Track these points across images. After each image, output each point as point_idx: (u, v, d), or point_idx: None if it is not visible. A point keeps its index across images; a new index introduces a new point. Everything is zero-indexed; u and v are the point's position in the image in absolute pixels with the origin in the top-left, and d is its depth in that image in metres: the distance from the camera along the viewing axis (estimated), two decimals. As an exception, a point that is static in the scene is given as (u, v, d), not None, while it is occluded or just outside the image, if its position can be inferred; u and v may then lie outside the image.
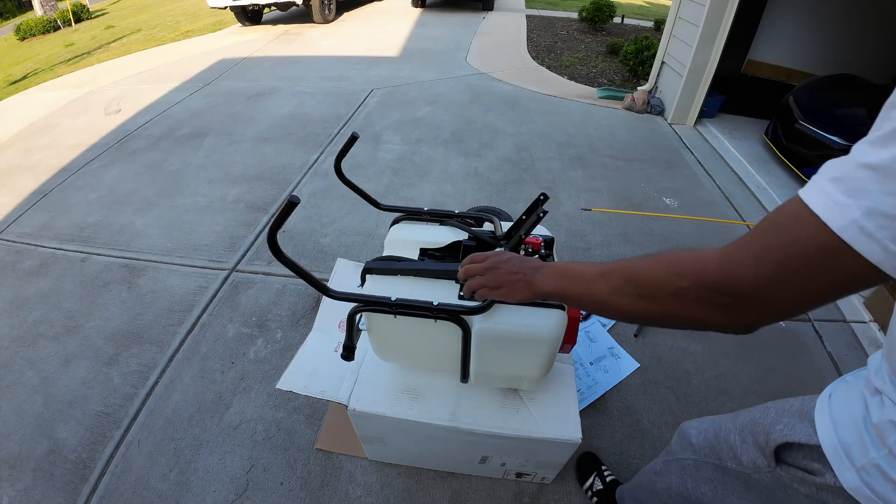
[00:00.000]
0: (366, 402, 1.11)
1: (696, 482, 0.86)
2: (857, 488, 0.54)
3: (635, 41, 4.55)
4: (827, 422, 0.60)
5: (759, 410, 0.74)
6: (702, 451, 0.85)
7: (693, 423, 0.95)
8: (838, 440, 0.57)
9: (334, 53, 5.44)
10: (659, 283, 0.52)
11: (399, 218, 1.20)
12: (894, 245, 0.37)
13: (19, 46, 8.68)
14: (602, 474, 1.35)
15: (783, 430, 0.65)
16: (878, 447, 0.52)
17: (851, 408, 0.58)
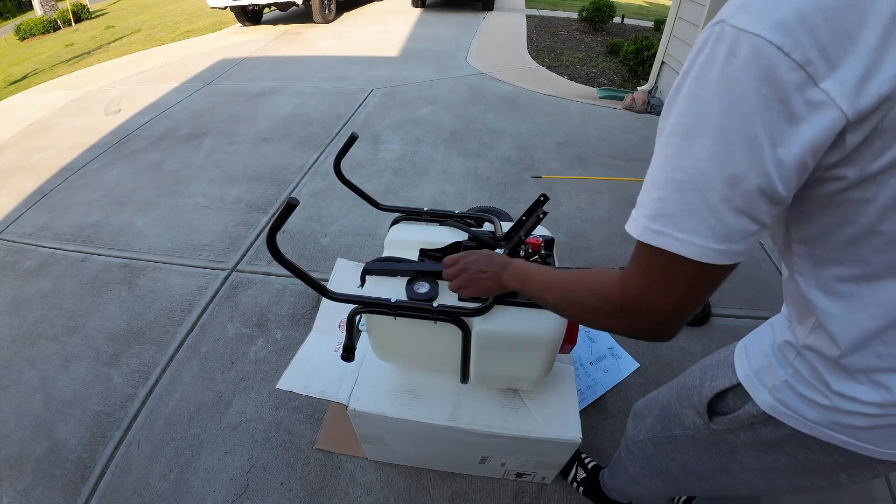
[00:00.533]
0: (366, 402, 1.11)
1: (659, 455, 0.92)
2: (774, 407, 0.61)
3: (635, 41, 4.54)
4: (742, 357, 0.68)
5: (687, 374, 0.83)
6: (654, 429, 0.91)
7: (640, 402, 1.02)
8: (751, 370, 0.65)
9: (334, 53, 5.44)
10: (583, 303, 0.60)
11: (399, 218, 1.20)
12: (681, 234, 0.45)
13: (19, 46, 8.68)
14: (583, 462, 1.36)
15: (710, 385, 0.72)
16: (784, 366, 0.61)
17: (761, 340, 0.67)
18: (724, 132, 0.42)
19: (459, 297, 0.93)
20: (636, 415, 1.01)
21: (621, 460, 1.08)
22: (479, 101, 4.00)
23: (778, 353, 0.62)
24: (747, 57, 0.40)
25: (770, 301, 2.03)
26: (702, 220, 0.44)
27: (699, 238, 0.45)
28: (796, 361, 0.59)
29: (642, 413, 0.97)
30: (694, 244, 0.45)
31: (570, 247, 2.32)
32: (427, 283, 0.94)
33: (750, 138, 0.41)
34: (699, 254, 0.45)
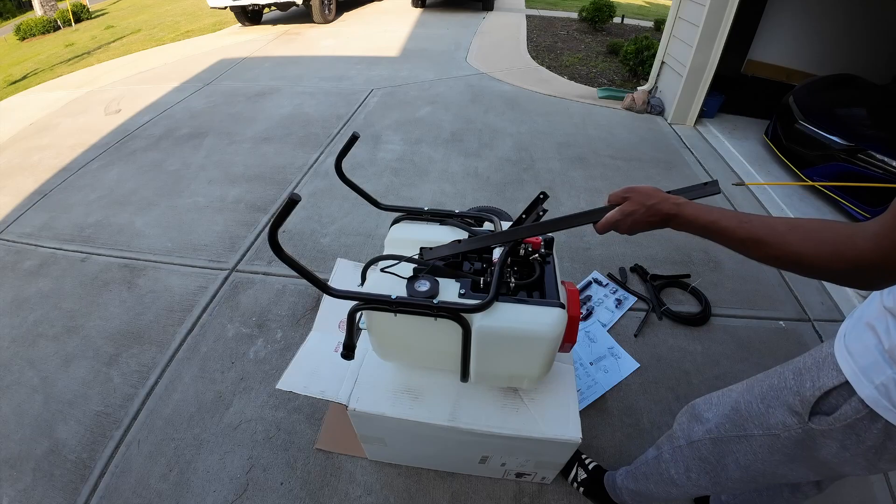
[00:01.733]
0: (366, 402, 1.11)
1: (718, 452, 0.90)
2: (876, 399, 0.63)
3: (635, 41, 4.55)
4: (845, 355, 0.68)
5: (774, 377, 0.82)
6: (721, 428, 0.89)
7: (701, 402, 1.00)
8: (857, 366, 0.66)
9: (334, 53, 5.44)
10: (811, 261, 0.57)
11: (399, 218, 1.20)
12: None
13: (19, 46, 8.68)
14: (583, 463, 1.36)
15: (814, 386, 0.71)
16: (892, 366, 0.61)
17: (863, 338, 0.67)
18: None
19: (460, 294, 0.93)
20: (694, 416, 0.99)
21: (661, 462, 1.06)
22: (479, 101, 4.00)
23: (886, 354, 0.63)
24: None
25: (770, 301, 2.03)
26: None
27: None
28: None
29: (702, 414, 0.96)
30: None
31: (570, 246, 2.32)
32: (427, 280, 0.94)
33: None
34: None
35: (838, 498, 1.37)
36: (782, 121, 3.03)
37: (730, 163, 3.12)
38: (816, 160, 2.68)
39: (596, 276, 2.14)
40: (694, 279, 2.10)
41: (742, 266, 2.19)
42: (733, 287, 2.10)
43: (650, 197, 0.76)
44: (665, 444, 1.07)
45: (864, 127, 2.65)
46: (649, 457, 1.13)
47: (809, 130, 2.75)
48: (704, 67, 3.36)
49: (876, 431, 0.65)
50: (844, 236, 0.54)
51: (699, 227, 0.71)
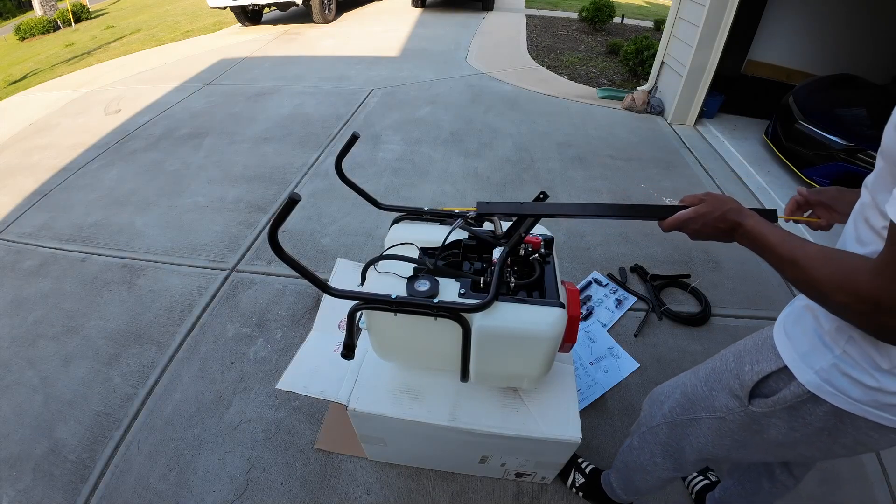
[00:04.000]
0: (366, 402, 1.11)
1: (675, 437, 0.94)
2: (819, 385, 0.64)
3: (635, 41, 4.55)
4: (784, 340, 0.70)
5: (717, 360, 0.84)
6: (673, 413, 0.93)
7: (658, 388, 1.04)
8: (797, 352, 0.67)
9: (334, 53, 5.44)
10: (826, 292, 0.56)
11: (399, 218, 1.20)
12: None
13: (19, 46, 8.68)
14: (580, 467, 1.36)
15: (753, 369, 0.73)
16: (832, 349, 0.63)
17: (801, 321, 0.68)
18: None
19: (460, 294, 0.93)
20: (653, 400, 1.03)
21: (633, 450, 1.10)
22: (478, 101, 4.00)
23: (826, 338, 0.64)
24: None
25: (770, 301, 2.03)
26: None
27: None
28: (848, 346, 0.61)
29: (660, 399, 1.00)
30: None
31: (570, 246, 2.32)
32: (427, 280, 0.94)
33: None
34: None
35: (838, 498, 1.37)
36: (782, 121, 3.03)
37: (730, 163, 3.12)
38: (816, 160, 2.68)
39: (596, 276, 2.14)
40: (694, 279, 2.10)
41: (742, 266, 2.19)
42: (733, 287, 2.10)
43: (725, 203, 0.76)
44: (635, 433, 1.10)
45: (864, 127, 2.65)
46: (625, 446, 1.16)
47: (809, 130, 2.75)
48: (704, 67, 3.37)
49: (821, 414, 0.66)
50: (851, 269, 0.53)
51: (753, 238, 0.70)
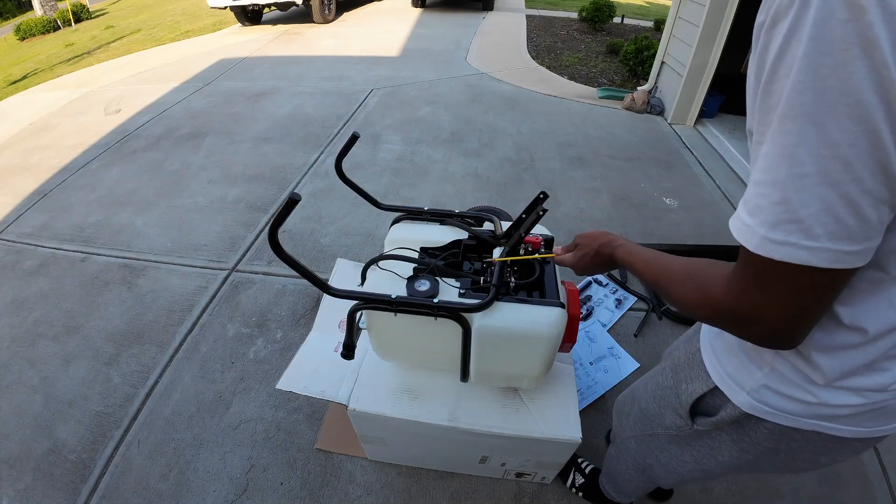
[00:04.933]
0: (366, 402, 1.11)
1: (641, 453, 0.93)
2: (754, 407, 0.60)
3: (635, 41, 4.54)
4: (712, 359, 0.66)
5: (659, 374, 0.82)
6: (636, 427, 0.92)
7: (620, 399, 1.03)
8: (724, 372, 0.63)
9: (334, 53, 5.44)
10: (688, 303, 0.55)
11: (399, 217, 1.20)
12: (811, 241, 0.38)
13: (19, 46, 8.68)
14: (580, 467, 1.36)
15: (686, 388, 0.71)
16: (759, 367, 0.58)
17: (725, 337, 0.64)
18: (865, 107, 0.34)
19: (460, 294, 0.93)
20: (619, 412, 1.02)
21: (611, 458, 1.10)
22: (479, 101, 4.00)
23: (751, 355, 0.60)
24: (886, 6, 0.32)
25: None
26: (837, 221, 0.37)
27: (834, 242, 0.38)
28: (776, 362, 0.57)
29: (624, 410, 0.99)
30: (828, 250, 0.38)
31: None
32: (427, 280, 0.94)
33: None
34: (833, 260, 0.38)
35: (838, 498, 1.37)
36: (782, 121, 3.02)
37: (730, 163, 3.12)
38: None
39: (596, 275, 2.14)
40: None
41: (742, 266, 2.19)
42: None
43: (596, 239, 0.79)
44: (613, 441, 1.10)
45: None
46: (608, 453, 1.16)
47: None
48: (704, 67, 3.36)
49: (766, 432, 0.62)
50: (706, 284, 0.52)
51: (626, 265, 0.73)
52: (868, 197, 0.36)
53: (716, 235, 2.38)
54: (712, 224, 2.44)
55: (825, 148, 0.36)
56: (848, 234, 0.38)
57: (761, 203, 0.40)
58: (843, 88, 0.34)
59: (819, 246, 0.38)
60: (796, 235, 0.39)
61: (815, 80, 0.35)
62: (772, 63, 0.38)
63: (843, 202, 0.37)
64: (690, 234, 2.37)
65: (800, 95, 0.36)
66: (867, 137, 0.35)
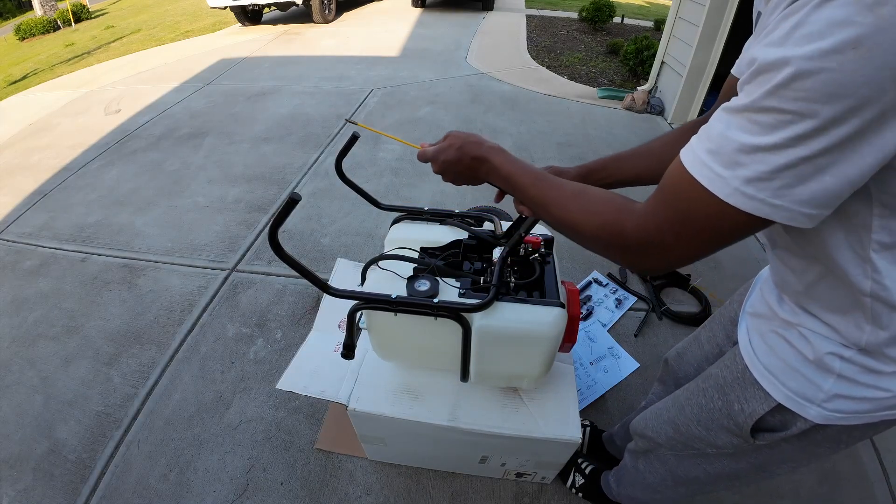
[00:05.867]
0: (366, 402, 1.11)
1: (685, 468, 0.90)
2: (827, 417, 0.60)
3: (635, 41, 4.54)
4: (768, 378, 0.64)
5: (700, 396, 0.79)
6: (675, 446, 0.88)
7: (638, 424, 0.99)
8: (789, 390, 0.62)
9: (334, 53, 5.44)
10: (581, 228, 0.56)
11: (399, 217, 1.20)
12: (776, 199, 0.41)
13: (19, 46, 8.69)
14: (580, 468, 1.36)
15: (744, 410, 0.69)
16: (826, 379, 0.58)
17: (779, 353, 0.63)
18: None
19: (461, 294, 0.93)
20: (643, 437, 0.98)
21: (637, 472, 1.06)
22: (478, 101, 4.00)
23: (813, 368, 0.59)
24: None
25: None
26: (811, 192, 0.40)
27: (800, 205, 0.41)
28: (844, 368, 0.57)
29: (649, 435, 0.95)
30: (790, 209, 0.41)
31: (570, 246, 2.32)
32: (427, 280, 0.94)
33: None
34: (789, 218, 0.42)
35: (838, 497, 1.37)
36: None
37: (730, 163, 3.12)
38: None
39: (596, 275, 2.14)
40: (694, 279, 2.10)
41: (742, 266, 2.19)
42: (733, 287, 2.09)
43: (468, 137, 0.73)
44: (636, 457, 1.06)
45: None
46: (627, 464, 1.13)
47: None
48: (704, 67, 3.36)
49: (832, 433, 0.63)
50: (616, 210, 0.53)
51: (502, 177, 0.68)
52: (851, 186, 0.40)
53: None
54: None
55: (858, 163, 0.39)
56: (815, 202, 0.41)
57: (743, 160, 0.41)
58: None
59: (783, 205, 0.41)
60: (766, 193, 0.41)
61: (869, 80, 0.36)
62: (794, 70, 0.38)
63: (834, 181, 0.40)
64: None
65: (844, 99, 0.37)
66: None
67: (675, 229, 0.47)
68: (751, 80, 0.41)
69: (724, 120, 0.43)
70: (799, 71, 0.36)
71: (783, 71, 0.37)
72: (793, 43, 0.37)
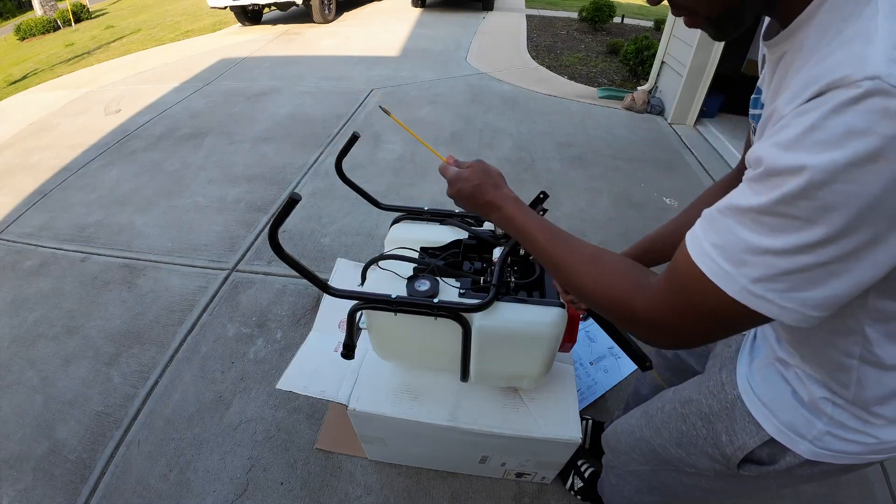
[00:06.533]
0: (366, 402, 1.11)
1: (660, 479, 0.89)
2: (817, 453, 0.61)
3: (635, 41, 4.55)
4: (763, 411, 0.65)
5: (679, 422, 0.77)
6: (651, 462, 0.87)
7: (610, 437, 0.98)
8: (782, 424, 0.63)
9: (334, 53, 5.44)
10: (591, 296, 0.55)
11: (399, 217, 1.20)
12: (785, 301, 0.40)
13: (19, 46, 8.69)
14: (579, 470, 1.35)
15: (733, 442, 0.68)
16: (819, 418, 0.59)
17: (774, 389, 0.64)
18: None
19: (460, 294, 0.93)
20: (615, 451, 0.97)
21: (611, 483, 1.06)
22: (479, 101, 4.00)
23: (808, 407, 0.61)
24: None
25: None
26: (821, 296, 0.39)
27: (809, 309, 0.40)
28: (835, 413, 0.58)
29: (622, 450, 0.94)
30: (798, 311, 0.40)
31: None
32: (427, 280, 0.94)
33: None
34: (798, 319, 0.41)
35: (838, 498, 1.37)
36: (782, 121, 3.02)
37: (730, 163, 3.11)
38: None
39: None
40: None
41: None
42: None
43: (488, 175, 0.71)
44: (609, 470, 1.06)
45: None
46: (604, 482, 1.13)
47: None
48: (704, 67, 3.36)
49: (820, 472, 0.64)
50: (629, 286, 0.52)
51: (515, 227, 0.66)
52: (861, 289, 0.39)
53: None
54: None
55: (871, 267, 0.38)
56: (824, 306, 0.40)
57: (754, 260, 0.40)
58: None
59: (791, 308, 0.40)
60: (774, 294, 0.40)
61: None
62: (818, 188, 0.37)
63: (846, 286, 0.39)
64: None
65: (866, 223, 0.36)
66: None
67: (682, 316, 0.47)
68: (760, 180, 0.40)
69: (730, 215, 0.42)
70: (812, 181, 0.35)
71: (796, 178, 0.36)
72: (807, 149, 0.35)
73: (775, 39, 0.49)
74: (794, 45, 0.46)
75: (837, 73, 0.35)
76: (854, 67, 0.34)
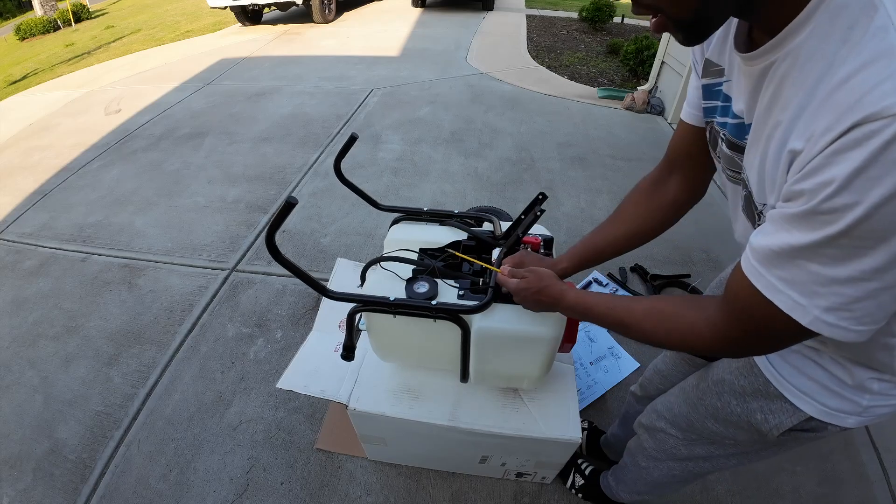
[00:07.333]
0: (366, 401, 1.11)
1: (700, 458, 0.90)
2: (863, 422, 0.64)
3: (635, 41, 4.54)
4: (800, 396, 0.66)
5: (714, 398, 0.80)
6: (688, 438, 0.89)
7: (648, 418, 0.99)
8: (825, 407, 0.64)
9: (334, 53, 5.44)
10: (662, 341, 0.62)
11: (399, 218, 1.20)
12: (858, 326, 0.44)
13: (19, 46, 8.69)
14: (580, 468, 1.36)
15: (768, 420, 0.70)
16: (864, 396, 0.62)
17: (809, 374, 0.65)
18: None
19: (459, 296, 0.93)
20: (651, 429, 0.98)
21: (639, 469, 1.06)
22: (478, 101, 4.00)
23: (855, 388, 0.62)
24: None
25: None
26: (885, 314, 0.43)
27: (869, 326, 0.44)
28: (882, 387, 0.61)
29: (659, 427, 0.95)
30: (860, 332, 0.44)
31: (570, 246, 2.32)
32: (426, 281, 0.94)
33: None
34: (856, 336, 0.44)
35: (838, 498, 1.37)
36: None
37: (730, 162, 3.11)
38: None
39: (596, 275, 2.14)
40: (694, 279, 2.10)
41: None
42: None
43: (543, 280, 0.81)
44: (638, 454, 1.06)
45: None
46: (627, 462, 1.12)
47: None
48: (704, 67, 3.36)
49: (850, 430, 0.70)
50: (688, 325, 0.57)
51: (579, 312, 0.75)
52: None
53: (716, 234, 2.38)
54: (712, 224, 2.44)
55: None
56: (878, 320, 0.44)
57: (821, 291, 0.43)
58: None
59: (856, 329, 0.44)
60: (847, 321, 0.44)
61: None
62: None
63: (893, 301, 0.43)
64: (691, 234, 2.37)
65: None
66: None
67: (752, 341, 0.52)
68: (813, 216, 0.41)
69: (793, 253, 0.44)
70: (868, 212, 0.37)
71: (852, 212, 0.38)
72: (859, 187, 0.37)
73: (759, 51, 0.48)
74: (786, 54, 0.45)
75: (876, 103, 0.35)
76: (894, 98, 0.34)
